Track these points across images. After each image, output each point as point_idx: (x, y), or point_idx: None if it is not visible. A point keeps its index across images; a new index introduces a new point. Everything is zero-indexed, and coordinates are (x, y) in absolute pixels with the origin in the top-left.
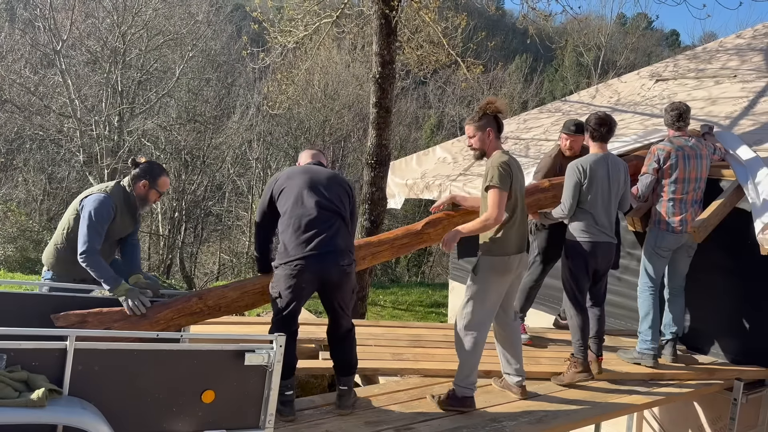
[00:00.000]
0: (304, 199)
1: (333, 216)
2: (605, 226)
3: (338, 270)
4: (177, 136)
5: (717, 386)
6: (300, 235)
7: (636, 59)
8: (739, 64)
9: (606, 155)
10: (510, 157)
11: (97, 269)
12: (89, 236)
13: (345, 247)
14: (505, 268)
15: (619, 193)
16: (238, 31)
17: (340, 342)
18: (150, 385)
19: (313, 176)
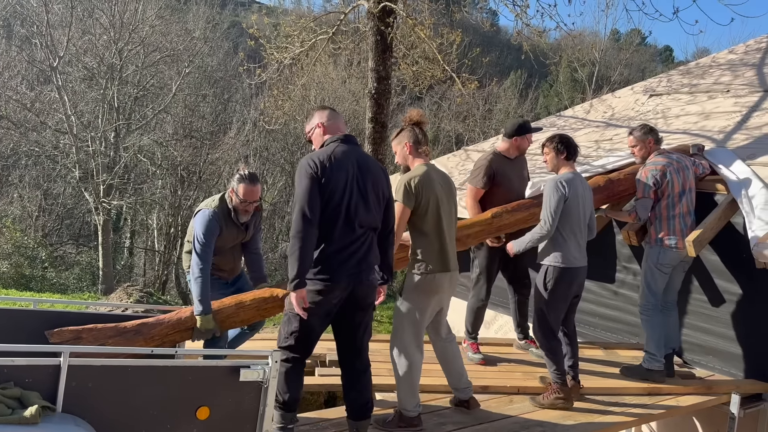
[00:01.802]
0: (350, 213)
1: (367, 231)
2: (582, 249)
3: (367, 284)
4: (173, 152)
5: (715, 401)
6: (336, 255)
7: (630, 75)
8: (731, 79)
9: (578, 174)
10: (426, 171)
11: (200, 289)
12: (202, 252)
13: (374, 263)
14: (430, 288)
15: (587, 214)
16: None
17: (357, 380)
18: (144, 401)
19: (360, 175)
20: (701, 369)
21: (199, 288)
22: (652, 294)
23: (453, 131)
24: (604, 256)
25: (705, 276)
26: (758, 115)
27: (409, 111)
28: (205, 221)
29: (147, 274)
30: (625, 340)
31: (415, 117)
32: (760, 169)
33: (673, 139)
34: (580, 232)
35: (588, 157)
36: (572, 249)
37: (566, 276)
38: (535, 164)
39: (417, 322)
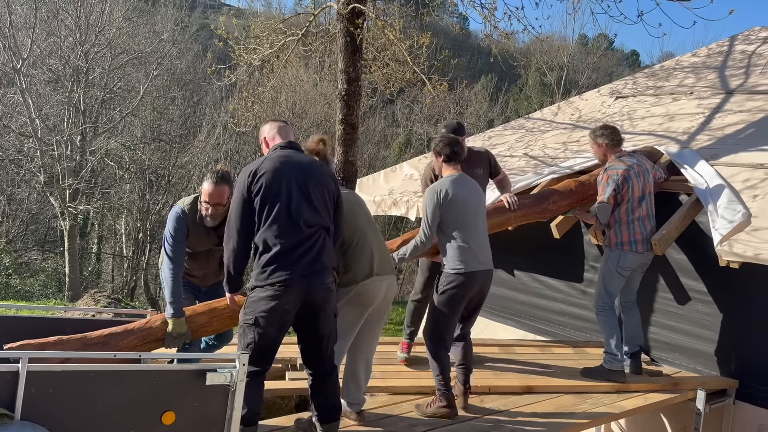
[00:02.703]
0: (291, 213)
1: (318, 231)
2: (482, 250)
3: (323, 290)
4: (141, 156)
5: (681, 397)
6: (284, 257)
7: (598, 78)
8: (695, 82)
9: (462, 175)
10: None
11: (173, 289)
12: (172, 251)
13: (329, 264)
14: (357, 298)
15: (479, 213)
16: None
17: (323, 383)
18: (108, 407)
19: (298, 176)
20: (668, 366)
21: (169, 289)
22: (608, 295)
23: (425, 134)
24: (573, 255)
25: (670, 274)
26: (720, 117)
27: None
28: (172, 219)
29: (115, 281)
30: (594, 339)
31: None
32: (723, 168)
33: (639, 140)
34: (476, 233)
35: (556, 158)
36: (469, 253)
37: (461, 281)
38: (505, 165)
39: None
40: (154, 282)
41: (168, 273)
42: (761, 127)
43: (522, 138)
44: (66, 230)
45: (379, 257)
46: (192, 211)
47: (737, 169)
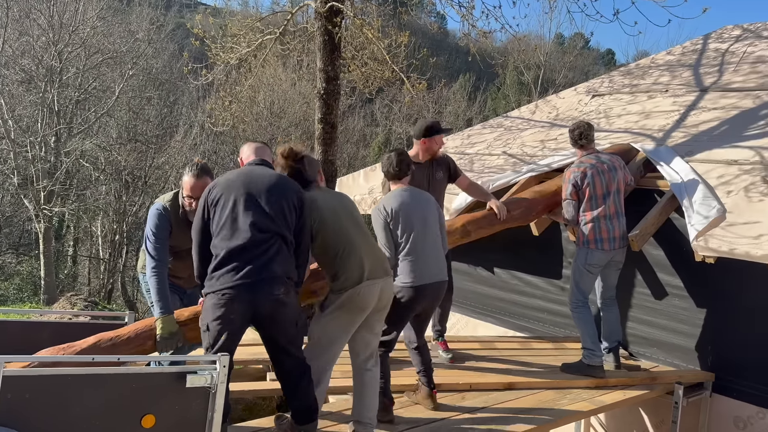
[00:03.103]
0: (238, 218)
1: (271, 238)
2: (436, 261)
3: (271, 300)
4: (117, 157)
5: (659, 391)
6: (229, 262)
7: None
8: (670, 80)
9: (407, 189)
10: (314, 195)
11: (158, 287)
12: (154, 249)
13: (281, 273)
14: (348, 303)
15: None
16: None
17: (294, 387)
18: (86, 411)
19: (252, 186)
20: (646, 361)
21: (155, 288)
22: (580, 292)
23: (404, 133)
24: (551, 253)
25: (648, 270)
26: (695, 114)
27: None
28: (153, 217)
29: (92, 283)
30: (572, 334)
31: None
32: (698, 165)
33: (615, 137)
34: (427, 244)
35: (534, 156)
36: (418, 266)
37: (411, 295)
38: (484, 164)
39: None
40: (131, 284)
41: (151, 273)
42: (735, 124)
43: (501, 136)
44: (41, 233)
45: (370, 261)
46: (174, 207)
47: (712, 165)
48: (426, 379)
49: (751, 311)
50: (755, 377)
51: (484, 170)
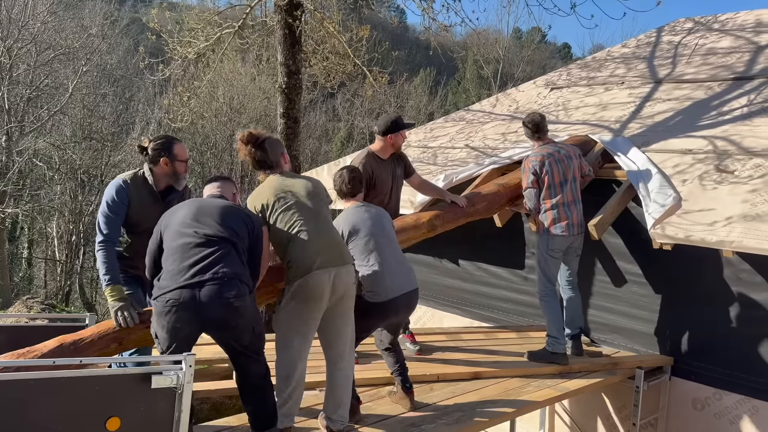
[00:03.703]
0: (185, 227)
1: (220, 242)
2: (402, 271)
3: (222, 304)
4: (72, 155)
5: (621, 376)
6: (175, 265)
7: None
8: (625, 72)
9: (359, 207)
10: (269, 181)
11: (106, 259)
12: (104, 224)
13: (232, 275)
14: (312, 292)
15: (389, 234)
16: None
17: (253, 390)
18: (47, 416)
19: (200, 208)
20: (607, 347)
21: (102, 260)
22: (548, 280)
23: (366, 128)
24: (514, 243)
25: (607, 258)
26: (650, 105)
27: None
28: (111, 190)
29: (48, 286)
30: (536, 323)
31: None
32: (654, 155)
33: (574, 129)
34: (388, 258)
35: (496, 149)
36: (387, 280)
37: (381, 310)
38: (447, 157)
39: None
40: (89, 286)
41: (98, 246)
42: (689, 115)
43: (463, 130)
44: None
45: (323, 248)
46: (135, 181)
47: (667, 155)
48: (401, 378)
49: (707, 296)
50: (712, 360)
51: (448, 163)
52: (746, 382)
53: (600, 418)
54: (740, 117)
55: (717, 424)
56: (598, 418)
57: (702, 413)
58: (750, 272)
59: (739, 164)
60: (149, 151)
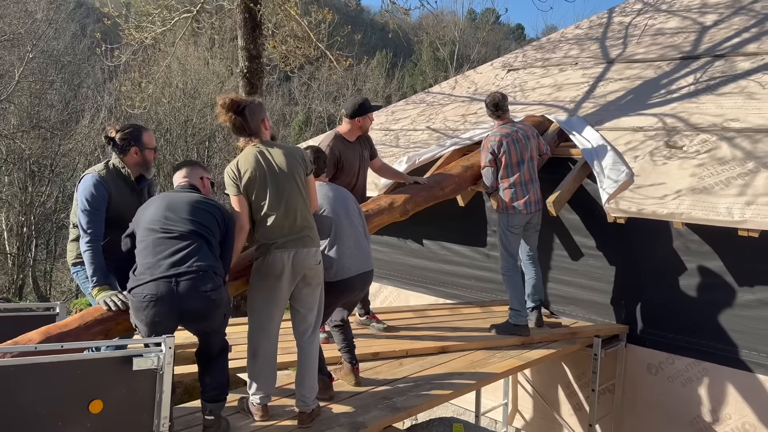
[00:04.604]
0: (156, 224)
1: (192, 236)
2: (360, 252)
3: (199, 297)
4: (21, 145)
5: (579, 345)
6: (149, 258)
7: (487, 53)
8: (579, 53)
9: (327, 183)
10: (245, 153)
11: (93, 260)
12: (87, 222)
13: (206, 267)
14: (271, 269)
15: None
16: (82, 30)
17: (211, 361)
18: (30, 401)
19: (170, 203)
20: (566, 318)
21: (89, 260)
22: (510, 255)
23: (324, 112)
24: (476, 222)
25: (564, 233)
26: (603, 85)
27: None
28: (88, 187)
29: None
30: (498, 298)
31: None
32: (607, 133)
33: (531, 110)
34: (352, 235)
35: (457, 130)
36: (344, 260)
37: (336, 288)
38: (409, 139)
39: (259, 311)
40: (43, 279)
41: (86, 247)
42: (639, 93)
43: (423, 112)
44: None
45: (284, 229)
46: (109, 174)
47: (620, 133)
48: (348, 356)
49: (659, 267)
50: (664, 327)
51: (410, 145)
52: (696, 346)
53: (560, 386)
54: (687, 95)
55: (670, 386)
56: (558, 386)
57: (656, 377)
58: (698, 242)
59: (687, 140)
60: (117, 141)
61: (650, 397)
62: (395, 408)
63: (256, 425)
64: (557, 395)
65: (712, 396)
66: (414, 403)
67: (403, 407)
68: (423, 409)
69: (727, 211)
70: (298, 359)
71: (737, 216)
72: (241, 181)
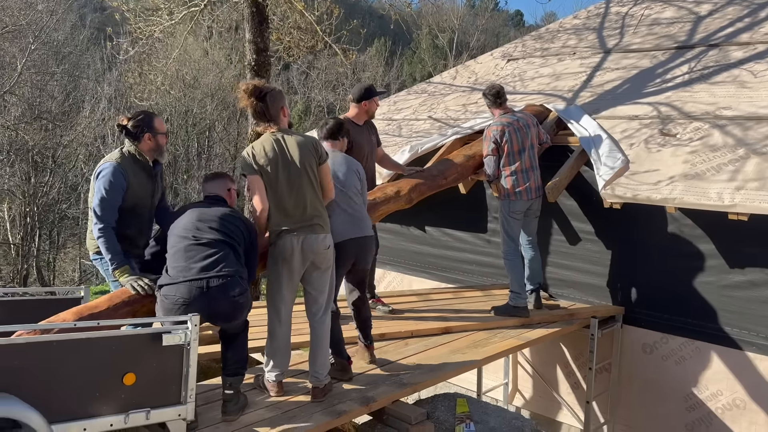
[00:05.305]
0: (188, 232)
1: (221, 244)
2: (354, 220)
3: (228, 301)
4: (24, 136)
5: (577, 325)
6: (181, 262)
7: (486, 40)
8: (577, 43)
9: (336, 151)
10: (262, 140)
11: (108, 245)
12: (102, 210)
13: (234, 273)
14: (282, 253)
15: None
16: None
17: (233, 337)
18: (71, 373)
19: (201, 215)
20: (564, 300)
21: (105, 245)
22: (511, 239)
23: (324, 101)
24: (477, 209)
25: (562, 219)
26: (600, 74)
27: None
28: (107, 175)
29: (3, 270)
30: (499, 282)
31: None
32: (604, 121)
33: (530, 99)
34: (347, 204)
35: (458, 120)
36: (337, 224)
37: (337, 250)
38: (412, 129)
39: (276, 291)
40: (47, 269)
41: (99, 234)
42: (635, 83)
43: (425, 102)
44: None
45: (293, 215)
46: (125, 162)
47: (616, 121)
48: (363, 334)
49: (653, 250)
50: (659, 308)
51: (412, 135)
52: (689, 326)
53: (559, 366)
54: (682, 84)
55: (664, 365)
56: (557, 365)
57: (651, 356)
58: (691, 226)
59: (680, 128)
60: (130, 128)
61: (645, 375)
62: (402, 384)
63: (272, 400)
64: (556, 374)
65: (704, 373)
66: (420, 379)
67: (410, 383)
68: (428, 385)
69: (718, 196)
70: (310, 338)
71: (728, 200)
72: (255, 166)
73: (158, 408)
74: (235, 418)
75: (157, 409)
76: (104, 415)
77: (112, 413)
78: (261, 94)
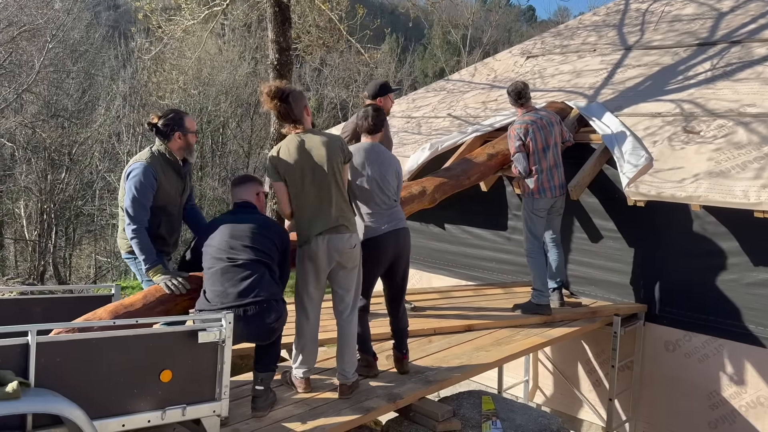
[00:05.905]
0: (222, 253)
1: (255, 264)
2: (384, 215)
3: (264, 327)
4: (41, 134)
5: (599, 323)
6: (217, 286)
7: (498, 36)
8: (597, 40)
9: (373, 144)
10: (287, 141)
11: (141, 245)
12: (134, 210)
13: (269, 297)
14: (308, 253)
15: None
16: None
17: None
18: (110, 370)
19: (233, 233)
20: (586, 298)
21: (138, 246)
22: (535, 237)
23: (337, 98)
24: (497, 206)
25: (585, 217)
26: (621, 71)
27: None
28: (138, 175)
29: (20, 267)
30: (519, 279)
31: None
32: (626, 119)
33: (550, 96)
34: (380, 199)
35: (477, 117)
36: (368, 220)
37: (369, 247)
38: (431, 126)
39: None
40: (63, 265)
41: (132, 234)
42: (657, 80)
43: (444, 99)
44: None
45: (320, 217)
46: (155, 161)
47: (639, 118)
48: (397, 343)
49: (676, 248)
50: (681, 305)
51: (432, 132)
52: (712, 323)
53: (580, 363)
54: (704, 81)
55: (687, 362)
56: (578, 363)
57: (673, 354)
58: (715, 224)
59: (704, 125)
60: (161, 127)
61: (668, 373)
62: (428, 381)
63: (300, 396)
64: (577, 372)
65: (728, 371)
66: (445, 376)
67: (435, 380)
68: (454, 382)
69: (743, 193)
70: (338, 336)
71: (753, 198)
72: (281, 169)
73: (194, 404)
74: (265, 414)
75: (193, 405)
76: (142, 411)
77: (149, 409)
78: (283, 96)
